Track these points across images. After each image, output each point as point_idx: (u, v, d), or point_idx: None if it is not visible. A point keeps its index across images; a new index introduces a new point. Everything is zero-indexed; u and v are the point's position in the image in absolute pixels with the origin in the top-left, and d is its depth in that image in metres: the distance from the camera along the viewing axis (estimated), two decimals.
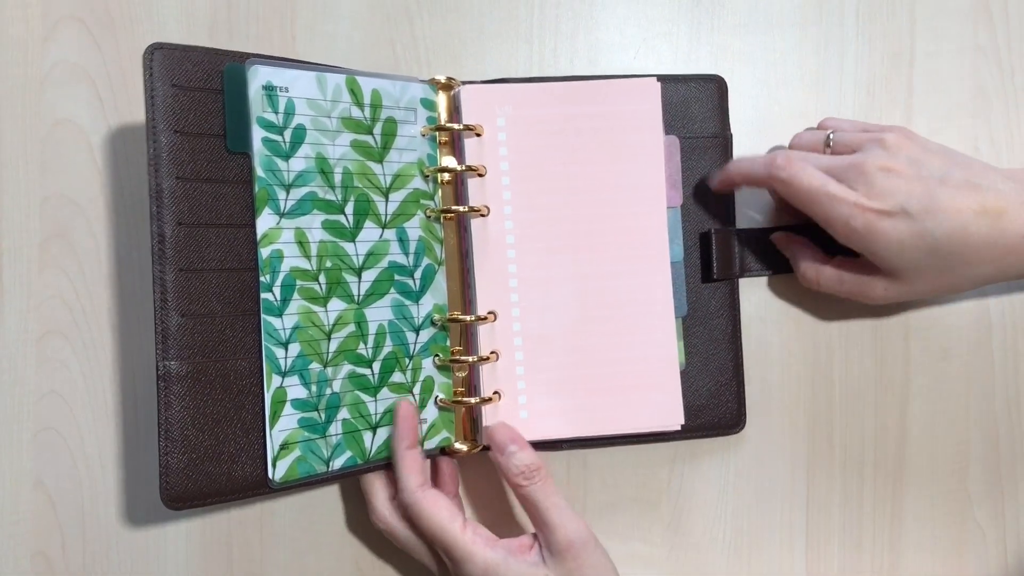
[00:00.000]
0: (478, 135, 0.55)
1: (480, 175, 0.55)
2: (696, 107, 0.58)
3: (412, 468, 0.51)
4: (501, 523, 0.58)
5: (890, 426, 0.60)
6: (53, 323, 0.56)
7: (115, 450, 0.56)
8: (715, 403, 0.58)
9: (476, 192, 0.56)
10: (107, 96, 0.57)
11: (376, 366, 0.53)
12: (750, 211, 0.61)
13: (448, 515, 0.50)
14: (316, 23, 0.59)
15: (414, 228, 0.54)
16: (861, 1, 0.61)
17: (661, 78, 0.57)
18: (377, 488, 0.53)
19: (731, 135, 0.59)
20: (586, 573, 0.49)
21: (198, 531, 0.57)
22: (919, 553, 0.60)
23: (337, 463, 0.52)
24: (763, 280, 0.60)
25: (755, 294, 0.60)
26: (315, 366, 0.51)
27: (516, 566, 0.49)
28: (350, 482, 0.57)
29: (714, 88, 0.58)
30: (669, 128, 0.58)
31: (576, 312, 0.56)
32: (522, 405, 0.56)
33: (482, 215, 0.55)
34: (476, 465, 0.54)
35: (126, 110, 0.57)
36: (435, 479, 0.56)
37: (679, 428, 0.57)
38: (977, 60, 0.61)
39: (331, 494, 0.58)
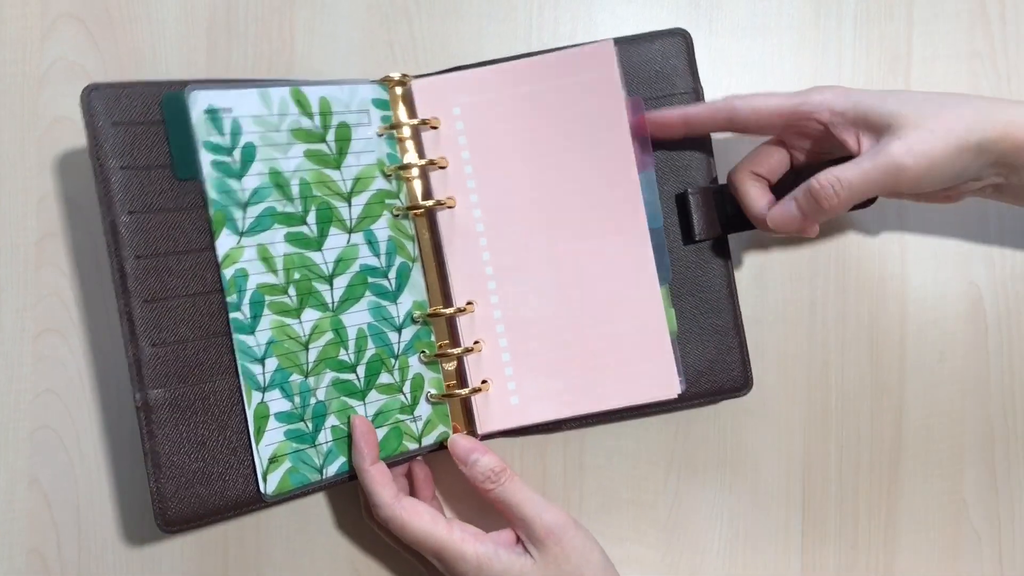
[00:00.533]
0: (434, 128, 0.55)
1: (442, 168, 0.55)
2: (662, 64, 0.56)
3: (382, 482, 0.51)
4: (482, 520, 0.57)
5: (886, 428, 0.60)
6: (50, 321, 0.57)
7: (111, 449, 0.57)
8: (717, 367, 0.56)
9: (441, 185, 0.55)
10: None
11: (361, 370, 0.53)
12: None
13: (430, 519, 0.50)
14: (315, 23, 0.59)
15: (382, 229, 0.54)
16: (859, 5, 0.60)
17: (618, 40, 0.55)
18: (378, 482, 0.52)
19: (702, 88, 0.57)
20: (570, 556, 0.49)
21: (194, 531, 0.56)
22: (914, 555, 0.59)
23: (331, 470, 0.52)
24: (758, 282, 0.60)
25: (750, 296, 0.59)
26: (296, 377, 0.51)
27: (507, 556, 0.49)
28: (345, 484, 0.57)
29: (679, 42, 0.56)
30: (636, 91, 0.56)
31: (556, 292, 0.55)
32: (512, 391, 0.55)
33: (449, 207, 0.55)
34: (451, 465, 0.54)
35: None
36: (409, 485, 0.56)
37: (677, 396, 0.55)
38: (974, 65, 0.61)
39: (326, 496, 0.58)
